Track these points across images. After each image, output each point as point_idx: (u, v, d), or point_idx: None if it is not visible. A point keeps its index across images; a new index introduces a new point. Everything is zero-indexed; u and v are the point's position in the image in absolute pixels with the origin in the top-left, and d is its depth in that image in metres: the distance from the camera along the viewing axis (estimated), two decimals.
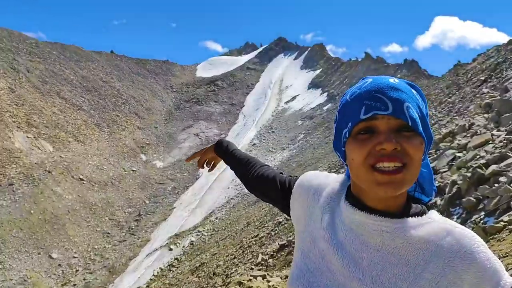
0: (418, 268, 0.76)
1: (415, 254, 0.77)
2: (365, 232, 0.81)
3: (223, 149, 1.47)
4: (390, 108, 0.76)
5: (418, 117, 0.78)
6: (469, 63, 27.68)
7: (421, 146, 0.78)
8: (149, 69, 61.88)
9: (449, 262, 0.75)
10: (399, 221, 0.79)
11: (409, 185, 0.78)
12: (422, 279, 0.75)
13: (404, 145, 0.76)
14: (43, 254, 24.24)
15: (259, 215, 20.82)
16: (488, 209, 5.59)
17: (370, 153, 0.77)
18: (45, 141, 34.05)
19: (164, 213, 31.22)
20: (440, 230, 0.78)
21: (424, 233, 0.78)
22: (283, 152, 38.75)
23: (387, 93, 0.78)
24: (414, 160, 0.76)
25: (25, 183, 28.01)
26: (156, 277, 20.82)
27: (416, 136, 0.77)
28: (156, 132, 46.92)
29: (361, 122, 0.79)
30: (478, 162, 7.20)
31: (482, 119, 10.88)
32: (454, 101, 18.86)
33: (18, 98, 36.38)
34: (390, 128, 0.77)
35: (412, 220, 0.80)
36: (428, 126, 0.82)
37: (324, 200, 0.93)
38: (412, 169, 0.76)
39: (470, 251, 0.75)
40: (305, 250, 0.91)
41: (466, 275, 0.74)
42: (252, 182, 1.25)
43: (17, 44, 46.24)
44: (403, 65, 48.53)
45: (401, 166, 0.75)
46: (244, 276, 9.38)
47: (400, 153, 0.75)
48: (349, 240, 0.83)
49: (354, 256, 0.81)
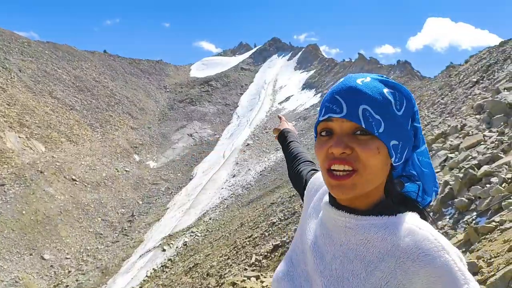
0: (371, 265, 0.75)
1: (372, 251, 0.76)
2: (333, 228, 0.83)
3: (283, 138, 1.55)
4: (344, 110, 0.76)
5: (381, 120, 0.76)
6: (461, 64, 27.92)
7: (378, 150, 0.76)
8: (143, 69, 61.67)
9: (401, 262, 0.72)
10: (364, 218, 0.79)
11: (364, 188, 0.77)
12: (373, 277, 0.74)
13: (356, 150, 0.75)
14: (35, 255, 24.03)
15: (253, 215, 20.83)
16: (480, 210, 5.61)
17: (326, 156, 0.79)
18: (37, 141, 33.78)
19: (158, 214, 31.10)
20: (402, 230, 0.75)
21: (385, 232, 0.76)
22: (277, 153, 38.76)
23: (344, 95, 0.78)
24: (366, 165, 0.75)
25: (17, 183, 27.76)
26: (149, 278, 20.72)
27: (372, 141, 0.76)
28: (149, 132, 46.75)
29: (320, 123, 0.81)
30: (470, 163, 7.24)
31: (474, 120, 10.95)
32: (446, 102, 18.97)
33: (10, 97, 36.06)
34: (343, 131, 0.77)
35: (377, 219, 0.79)
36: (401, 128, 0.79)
37: (318, 197, 0.99)
38: (365, 174, 0.76)
39: (426, 254, 0.70)
40: (294, 243, 0.97)
41: (417, 278, 0.70)
42: (291, 177, 1.33)
43: (9, 43, 45.84)
44: (396, 66, 48.86)
45: (351, 170, 0.76)
46: (238, 277, 9.38)
47: (351, 157, 0.76)
48: (321, 235, 0.86)
49: (322, 250, 0.84)
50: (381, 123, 0.76)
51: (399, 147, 0.79)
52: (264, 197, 24.66)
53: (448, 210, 6.53)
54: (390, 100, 0.78)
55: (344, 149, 0.75)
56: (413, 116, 0.83)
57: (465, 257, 4.34)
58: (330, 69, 60.08)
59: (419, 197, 0.89)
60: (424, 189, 0.89)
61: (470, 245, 4.71)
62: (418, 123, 0.85)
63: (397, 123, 0.78)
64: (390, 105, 0.78)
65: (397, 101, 0.79)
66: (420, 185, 0.88)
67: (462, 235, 5.08)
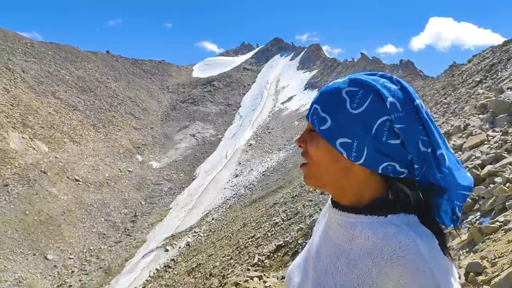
0: (352, 262, 0.77)
1: (355, 249, 0.78)
2: (330, 226, 0.87)
3: None
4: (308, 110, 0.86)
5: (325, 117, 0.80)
6: (464, 64, 27.84)
7: (316, 146, 0.82)
8: (145, 69, 61.79)
9: (377, 262, 0.73)
10: (354, 217, 0.81)
11: (318, 179, 0.85)
12: (352, 274, 0.76)
13: (307, 145, 0.84)
14: (38, 255, 24.12)
15: (256, 215, 20.83)
16: (483, 210, 5.59)
17: None
18: (40, 142, 33.90)
19: (160, 214, 31.15)
20: (386, 231, 0.75)
21: (370, 231, 0.77)
22: (279, 153, 38.75)
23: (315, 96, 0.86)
24: (312, 159, 0.83)
25: (20, 183, 27.87)
26: (152, 278, 20.76)
27: (317, 137, 0.83)
28: (152, 132, 46.83)
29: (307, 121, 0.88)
30: (474, 162, 7.22)
31: (477, 120, 10.90)
32: (449, 101, 18.92)
33: (13, 98, 36.21)
34: (307, 127, 0.87)
35: (366, 217, 0.79)
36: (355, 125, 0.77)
37: None
38: (312, 167, 0.84)
39: (400, 256, 0.70)
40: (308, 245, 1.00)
41: (388, 280, 0.70)
42: None
43: (12, 44, 46.04)
44: (399, 65, 48.75)
45: (306, 162, 0.86)
46: (241, 277, 9.37)
47: (305, 152, 0.85)
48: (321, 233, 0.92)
49: (320, 247, 0.89)
50: (326, 121, 0.80)
51: (353, 146, 0.78)
52: (266, 197, 24.66)
53: None
54: (344, 99, 0.79)
55: (300, 143, 0.86)
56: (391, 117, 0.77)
57: (469, 257, 4.32)
58: (333, 69, 60.01)
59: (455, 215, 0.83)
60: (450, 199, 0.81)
61: (474, 245, 4.69)
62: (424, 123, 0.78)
63: (348, 120, 0.78)
64: (343, 103, 0.79)
65: (356, 99, 0.78)
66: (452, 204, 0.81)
67: (466, 235, 5.06)
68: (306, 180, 0.87)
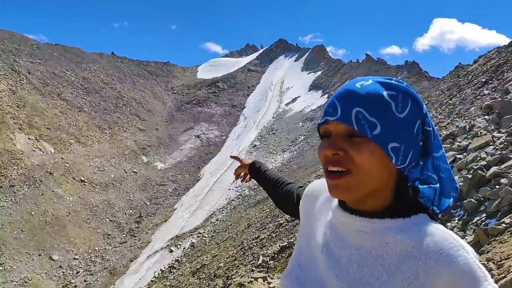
0: (392, 268, 0.76)
1: (391, 254, 0.77)
2: (346, 232, 0.84)
3: (255, 169, 1.62)
4: (339, 113, 0.78)
5: (374, 122, 0.77)
6: (470, 64, 27.68)
7: (370, 152, 0.77)
8: (150, 70, 61.98)
9: (423, 264, 0.73)
10: (379, 222, 0.80)
11: (360, 190, 0.79)
12: (395, 279, 0.75)
13: (350, 152, 0.77)
14: (43, 256, 24.24)
15: (260, 216, 20.81)
16: (489, 211, 5.57)
17: (324, 157, 0.81)
18: (46, 143, 34.09)
19: (165, 215, 31.20)
20: (420, 232, 0.77)
21: (403, 234, 0.77)
22: (283, 154, 38.72)
23: (341, 98, 0.80)
24: (360, 167, 0.77)
25: (26, 184, 28.03)
26: (156, 279, 20.80)
27: (365, 143, 0.77)
28: (157, 133, 46.94)
29: (321, 126, 0.84)
30: (479, 163, 7.19)
31: (483, 121, 10.86)
32: (454, 102, 18.82)
33: (19, 99, 36.44)
34: (337, 133, 0.80)
35: (393, 221, 0.80)
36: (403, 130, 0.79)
37: (321, 202, 0.99)
38: (358, 176, 0.77)
39: (447, 254, 0.71)
40: (299, 248, 0.97)
41: (439, 279, 0.71)
42: (279, 201, 1.39)
43: (18, 45, 46.34)
44: (404, 66, 48.49)
45: (344, 171, 0.78)
46: (245, 278, 9.37)
47: (344, 159, 0.78)
48: (333, 239, 0.87)
49: (336, 254, 0.84)
50: (376, 126, 0.77)
51: (401, 150, 0.78)
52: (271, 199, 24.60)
53: (457, 211, 6.48)
54: (389, 102, 0.78)
55: (336, 151, 0.78)
56: (423, 119, 0.83)
57: None
58: (337, 70, 59.88)
59: (436, 201, 0.89)
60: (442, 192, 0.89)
61: (479, 247, 4.66)
62: (429, 126, 0.84)
63: (397, 125, 0.78)
64: (389, 107, 0.78)
65: (399, 103, 0.79)
66: (437, 189, 0.88)
67: (472, 237, 5.04)
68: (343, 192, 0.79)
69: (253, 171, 1.62)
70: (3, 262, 22.53)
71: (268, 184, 1.49)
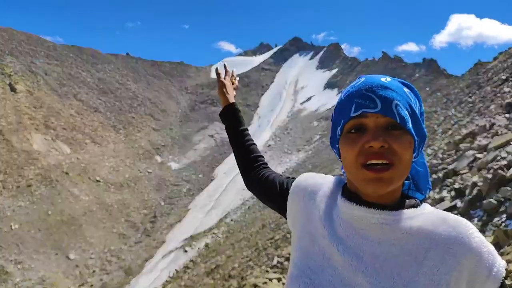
0: (420, 256, 0.78)
1: (415, 243, 0.79)
2: (365, 226, 0.83)
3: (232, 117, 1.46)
4: (379, 105, 0.79)
5: (408, 115, 0.80)
6: (489, 61, 27.08)
7: (410, 144, 0.80)
8: (164, 71, 62.53)
9: (448, 248, 0.77)
10: (397, 213, 0.82)
11: (398, 183, 0.80)
12: (424, 267, 0.77)
13: (392, 144, 0.78)
14: (60, 255, 24.57)
15: (275, 217, 20.70)
16: (509, 212, 5.43)
17: (360, 151, 0.79)
18: (62, 143, 34.59)
19: (179, 215, 31.36)
20: (435, 219, 0.81)
21: (421, 223, 0.81)
22: (298, 154, 38.56)
23: (376, 91, 0.80)
24: (402, 158, 0.78)
25: (43, 184, 28.47)
26: (171, 279, 20.88)
27: (405, 135, 0.79)
28: (171, 133, 47.28)
29: (351, 119, 0.81)
30: (499, 163, 7.03)
31: (503, 119, 10.65)
32: (474, 100, 18.47)
33: (36, 100, 37.06)
34: (378, 125, 0.79)
35: (408, 212, 0.82)
36: (420, 125, 0.83)
37: (321, 199, 0.95)
38: (400, 167, 0.79)
39: (466, 236, 0.77)
40: (304, 249, 0.91)
41: (465, 260, 0.76)
42: (254, 180, 1.28)
43: (35, 47, 47.18)
44: (421, 64, 47.81)
45: (389, 164, 0.78)
46: (260, 279, 9.35)
47: (387, 151, 0.78)
48: (349, 235, 0.84)
49: (355, 250, 0.82)
50: (409, 119, 0.80)
51: (416, 143, 0.83)
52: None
53: (477, 212, 6.37)
54: (411, 99, 0.83)
55: (383, 143, 0.77)
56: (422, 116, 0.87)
57: None
58: (353, 68, 59.46)
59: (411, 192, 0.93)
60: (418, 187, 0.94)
61: (499, 248, 4.50)
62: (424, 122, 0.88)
63: (418, 120, 0.83)
64: (412, 103, 0.82)
65: (414, 99, 0.84)
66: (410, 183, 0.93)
67: (491, 238, 4.89)
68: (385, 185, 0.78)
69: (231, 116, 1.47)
70: (22, 261, 22.91)
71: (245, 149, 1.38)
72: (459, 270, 0.76)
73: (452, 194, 7.58)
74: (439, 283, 0.76)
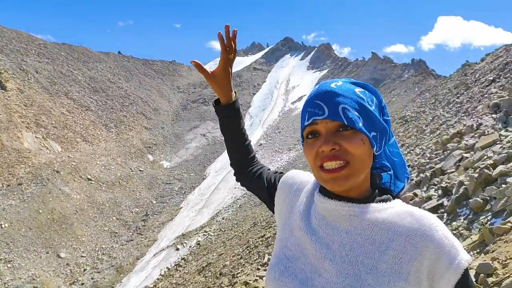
0: (383, 246, 0.84)
1: (380, 234, 0.86)
2: (335, 218, 0.90)
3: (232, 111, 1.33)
4: (326, 112, 0.86)
5: (358, 115, 0.86)
6: (477, 62, 27.47)
7: (362, 142, 0.86)
8: (156, 69, 62.18)
9: (410, 239, 0.83)
10: (365, 206, 0.89)
11: (357, 178, 0.87)
12: (386, 256, 0.83)
13: (343, 144, 0.85)
14: (51, 253, 24.43)
15: (266, 215, 20.81)
16: (495, 210, 5.53)
17: (317, 155, 0.88)
18: (53, 141, 34.34)
19: (171, 213, 31.31)
20: (402, 212, 0.87)
21: (387, 215, 0.87)
22: (289, 153, 38.70)
23: (324, 98, 0.88)
24: (355, 156, 0.85)
25: (34, 183, 28.26)
26: (163, 277, 20.89)
27: (355, 134, 0.86)
28: (163, 132, 47.10)
29: (306, 127, 0.91)
30: (486, 162, 7.13)
31: (490, 119, 10.78)
32: (462, 101, 18.71)
33: (26, 98, 36.70)
34: (328, 130, 0.87)
35: (377, 205, 0.89)
36: (376, 120, 0.90)
37: (304, 195, 1.04)
38: (356, 164, 0.86)
39: (429, 229, 0.83)
40: (283, 240, 1.00)
41: (426, 251, 0.81)
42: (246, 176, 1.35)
43: (26, 45, 46.66)
44: (410, 64, 48.22)
45: (343, 163, 0.85)
46: (250, 276, 9.41)
47: (340, 152, 0.85)
48: (321, 226, 0.92)
49: (326, 240, 0.90)
50: (359, 118, 0.87)
51: (377, 138, 0.90)
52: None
53: (463, 210, 6.45)
54: (362, 98, 0.89)
55: (333, 146, 0.85)
56: (382, 110, 0.95)
57: (480, 258, 4.29)
58: (343, 68, 59.75)
59: (392, 185, 1.01)
60: (396, 176, 1.01)
61: (485, 246, 4.64)
62: (388, 116, 0.96)
63: (372, 116, 0.89)
64: (363, 102, 0.89)
65: (368, 98, 0.91)
66: (391, 175, 1.00)
67: (477, 236, 5.02)
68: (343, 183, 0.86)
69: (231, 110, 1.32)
70: (12, 259, 22.75)
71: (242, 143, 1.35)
72: (420, 260, 0.81)
73: (439, 193, 7.70)
74: (400, 271, 0.82)
